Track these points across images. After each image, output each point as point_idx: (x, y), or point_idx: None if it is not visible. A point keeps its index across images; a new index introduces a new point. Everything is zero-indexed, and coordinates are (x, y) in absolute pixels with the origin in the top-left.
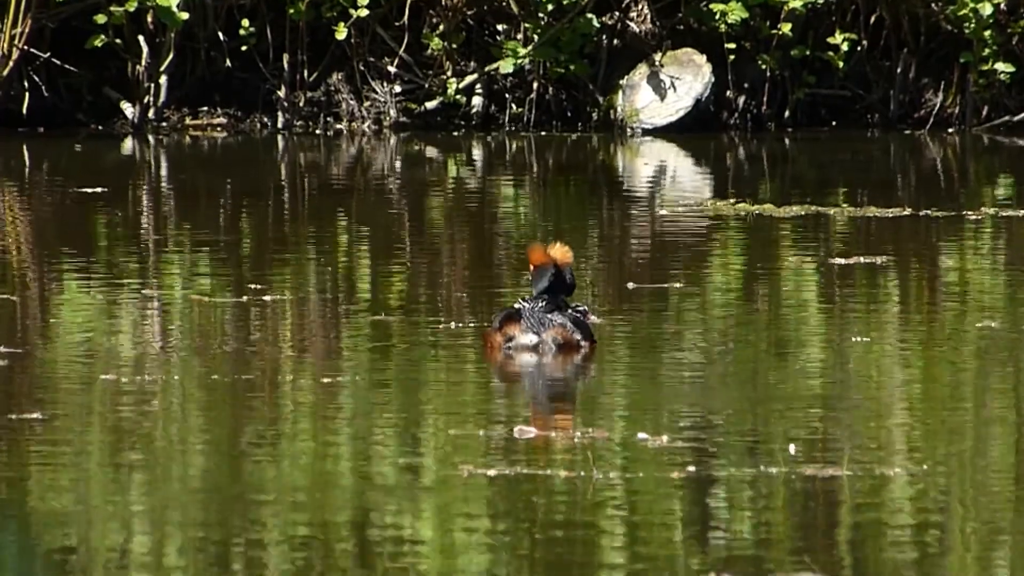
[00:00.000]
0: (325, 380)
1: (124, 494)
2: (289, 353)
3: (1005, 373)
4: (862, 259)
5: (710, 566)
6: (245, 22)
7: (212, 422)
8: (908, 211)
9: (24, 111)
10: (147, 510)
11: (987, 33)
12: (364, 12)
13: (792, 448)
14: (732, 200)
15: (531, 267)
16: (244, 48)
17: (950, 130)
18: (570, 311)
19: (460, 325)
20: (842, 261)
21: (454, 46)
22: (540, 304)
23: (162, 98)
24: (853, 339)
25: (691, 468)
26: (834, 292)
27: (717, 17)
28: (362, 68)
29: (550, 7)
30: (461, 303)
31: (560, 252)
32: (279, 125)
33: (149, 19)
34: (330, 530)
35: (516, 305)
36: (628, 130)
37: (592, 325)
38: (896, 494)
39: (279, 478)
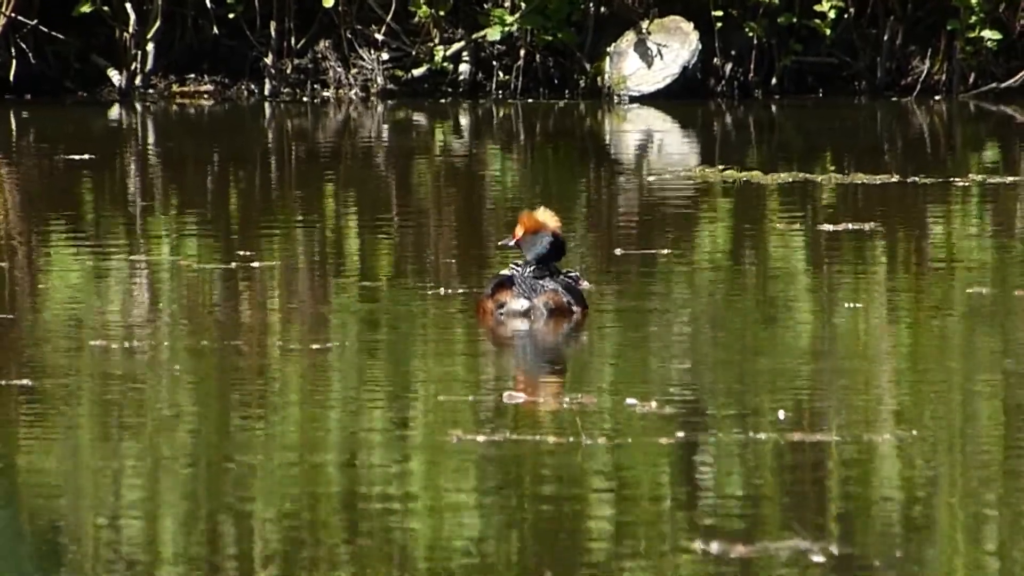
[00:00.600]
0: (314, 346)
1: (113, 460)
2: (278, 319)
3: (994, 339)
4: (850, 225)
5: (698, 532)
6: None
7: (201, 388)
8: (896, 178)
9: (11, 78)
10: (136, 476)
11: (974, 1)
12: None
13: (781, 414)
14: (720, 167)
15: (521, 233)
16: (231, 15)
17: (937, 97)
18: (562, 277)
19: (448, 291)
20: (830, 227)
21: (441, 13)
22: (531, 270)
23: (149, 65)
24: (842, 305)
25: (679, 434)
26: (823, 258)
27: None
28: (349, 35)
29: None
30: (449, 269)
31: (551, 217)
32: (266, 92)
33: None
34: (319, 497)
35: (507, 271)
36: (615, 97)
37: (584, 291)
38: (884, 460)
39: (268, 444)
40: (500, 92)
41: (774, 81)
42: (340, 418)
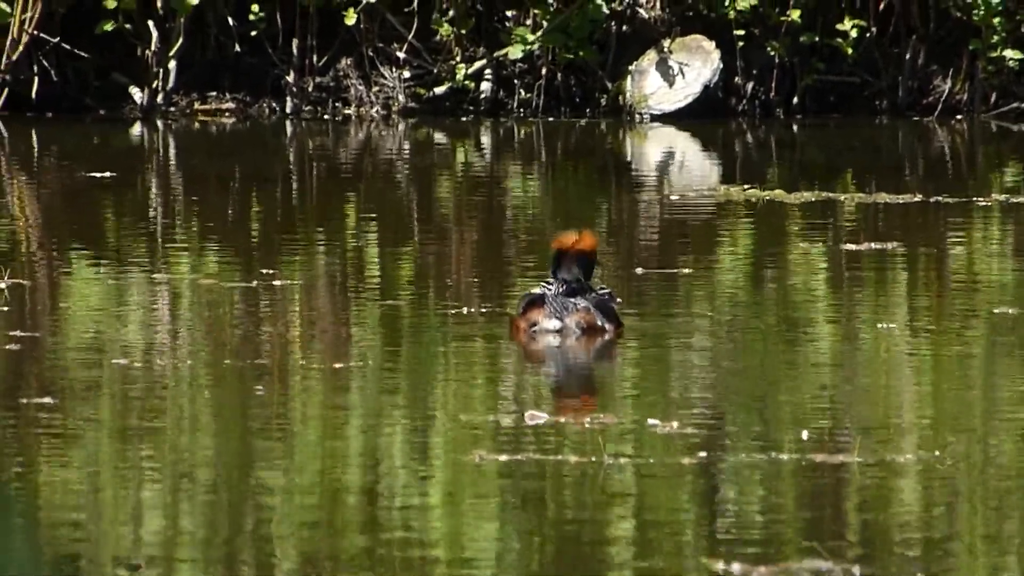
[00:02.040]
0: (336, 365)
1: (135, 479)
2: (299, 338)
3: (1017, 359)
4: (873, 245)
5: (719, 552)
6: (255, 7)
7: (222, 407)
8: (918, 197)
9: (33, 96)
10: (157, 496)
11: (996, 20)
12: None
13: (804, 434)
14: (743, 186)
15: (564, 251)
16: (253, 33)
17: (958, 117)
18: (594, 294)
19: (470, 310)
20: (853, 247)
21: (463, 32)
22: (562, 288)
23: (171, 83)
24: (865, 325)
25: (701, 454)
26: (845, 278)
27: (726, 3)
28: (371, 53)
29: None
30: (471, 288)
31: (588, 238)
32: (288, 110)
33: (159, 4)
34: (340, 516)
35: (538, 290)
36: (636, 116)
37: (617, 308)
38: (906, 481)
39: (288, 464)
40: (521, 110)
41: (795, 100)
42: (361, 437)
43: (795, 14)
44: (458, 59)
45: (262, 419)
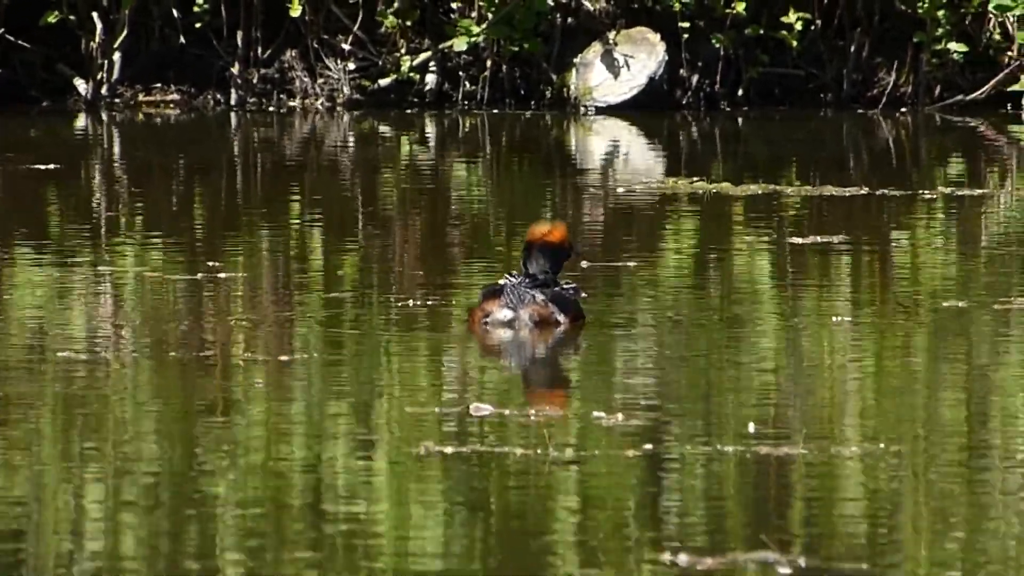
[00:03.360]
0: (282, 358)
1: (78, 474)
2: (244, 331)
3: (961, 352)
4: (818, 238)
5: (666, 544)
6: None
7: (166, 401)
8: (864, 190)
9: None
10: (100, 491)
11: (940, 13)
12: None
13: (752, 427)
14: (690, 178)
15: (533, 243)
16: (198, 25)
17: (903, 109)
18: (558, 288)
19: (415, 302)
20: (799, 240)
21: (408, 23)
22: (525, 280)
23: (116, 74)
24: (810, 318)
25: (647, 446)
26: (791, 271)
27: None
28: (316, 45)
29: None
30: (415, 280)
31: (558, 230)
32: (232, 102)
33: None
34: (284, 508)
35: (501, 281)
36: (581, 108)
37: (580, 302)
38: (851, 473)
39: (232, 456)
40: (466, 102)
41: (740, 93)
42: (306, 429)
43: (740, 6)
44: (403, 51)
45: (206, 412)
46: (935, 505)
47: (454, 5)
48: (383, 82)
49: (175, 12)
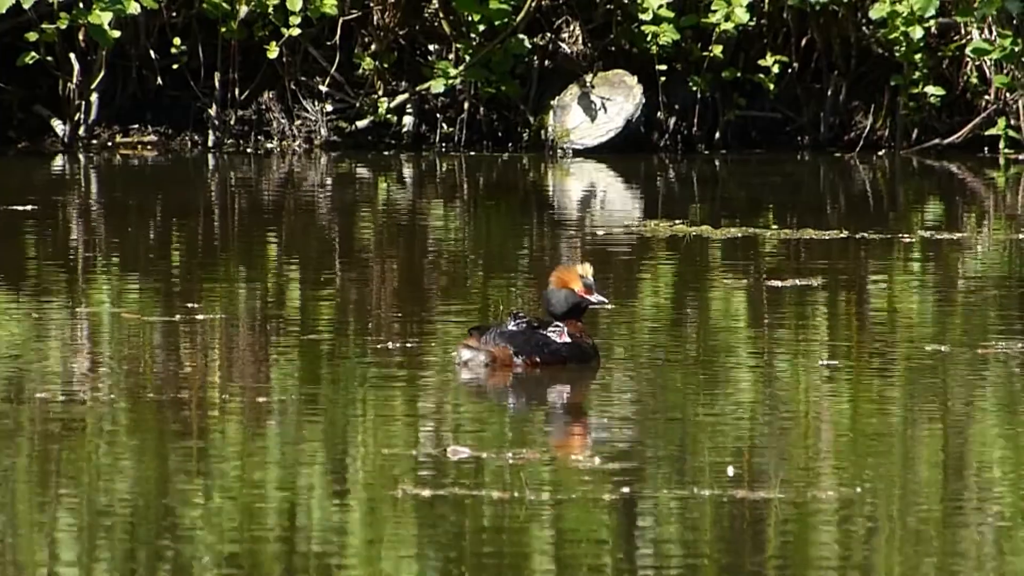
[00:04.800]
0: (259, 399)
1: (52, 514)
2: (221, 372)
3: (938, 396)
4: (798, 281)
5: None
6: (177, 40)
7: (143, 442)
8: (844, 233)
9: None
10: (74, 531)
11: (917, 56)
12: (296, 31)
13: (731, 470)
14: (669, 221)
15: (563, 286)
16: (175, 66)
17: (880, 153)
18: (533, 330)
19: (392, 344)
20: (778, 283)
21: (385, 65)
22: (520, 322)
23: (93, 115)
24: (787, 361)
25: (624, 490)
26: (770, 314)
27: (648, 39)
28: (293, 87)
29: (481, 28)
30: (392, 323)
31: (576, 275)
32: (210, 143)
33: (81, 37)
34: (260, 550)
35: (512, 323)
36: (559, 150)
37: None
38: (828, 517)
39: (208, 498)
40: (444, 145)
41: (717, 135)
42: (282, 471)
43: (717, 50)
44: (380, 93)
45: (182, 453)
46: (910, 551)
47: (431, 47)
48: (360, 124)
49: (152, 53)
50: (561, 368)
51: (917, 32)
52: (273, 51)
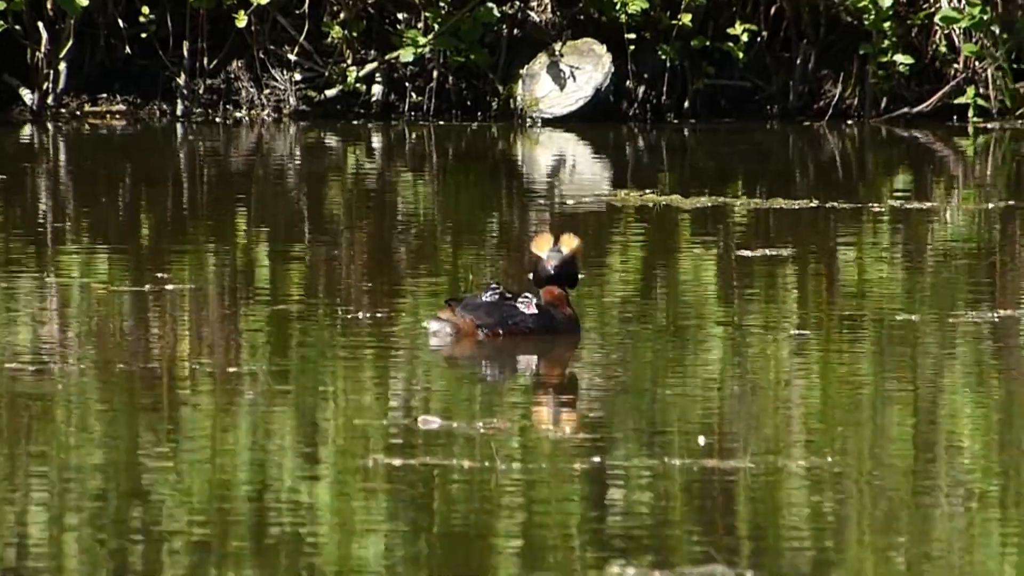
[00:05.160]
0: (230, 369)
1: (22, 483)
2: (191, 342)
3: (907, 365)
4: (768, 251)
5: (614, 557)
6: (145, 9)
7: (112, 411)
8: (814, 203)
9: None
10: (43, 502)
11: (886, 25)
12: (264, 0)
13: (702, 439)
14: (639, 191)
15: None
16: (144, 35)
17: (849, 122)
18: (496, 299)
19: (362, 314)
20: (748, 252)
21: (354, 34)
22: (493, 293)
23: (61, 85)
24: (757, 331)
25: (594, 459)
26: (740, 283)
27: (617, 7)
28: (262, 56)
29: None
30: (362, 292)
31: (547, 243)
32: (178, 113)
33: (49, 6)
34: (229, 520)
35: (486, 295)
36: (528, 119)
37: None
38: (798, 486)
39: (178, 467)
40: (413, 114)
41: (687, 104)
42: (253, 441)
43: (686, 18)
44: (349, 62)
45: (152, 424)
46: (881, 518)
47: (400, 16)
48: (329, 93)
49: (120, 22)
50: (533, 339)
51: (886, 1)
52: (242, 20)
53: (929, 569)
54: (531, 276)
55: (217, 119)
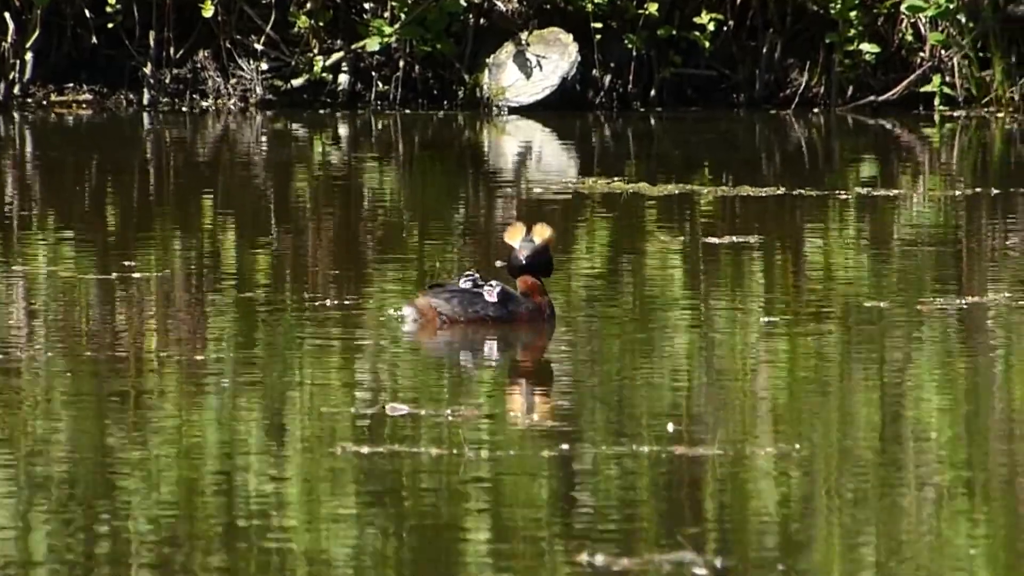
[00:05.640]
0: (197, 357)
1: None
2: (158, 330)
3: (874, 351)
4: (735, 238)
5: (582, 544)
6: None
7: (79, 400)
8: (781, 190)
9: None
10: (11, 487)
11: (852, 14)
12: None
13: (671, 427)
14: (609, 178)
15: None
16: (110, 25)
17: (815, 110)
18: (463, 287)
19: (328, 302)
20: (715, 240)
21: (321, 24)
22: (467, 279)
23: (28, 74)
24: (724, 318)
25: (562, 446)
26: (707, 271)
27: None
28: (229, 45)
29: None
30: (328, 280)
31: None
32: (145, 102)
33: None
34: (197, 508)
35: (461, 281)
36: (494, 108)
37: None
38: (766, 473)
39: (145, 455)
40: (379, 103)
41: (653, 93)
42: (219, 430)
43: (652, 7)
44: (316, 51)
45: (119, 412)
46: (848, 505)
47: (367, 6)
48: (296, 82)
49: (87, 12)
50: (496, 327)
51: None
52: (208, 9)
53: (897, 554)
54: (505, 265)
55: (184, 108)
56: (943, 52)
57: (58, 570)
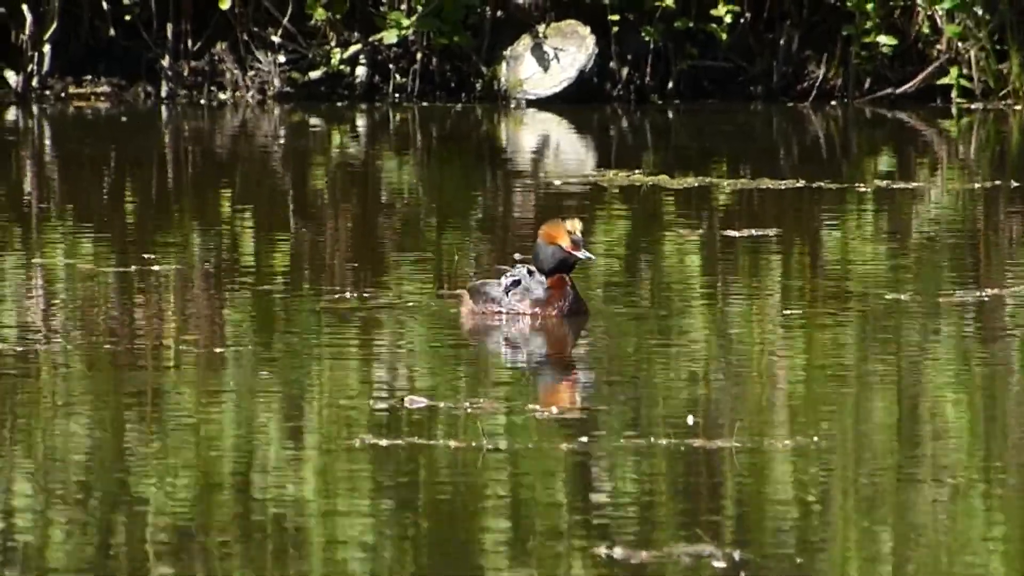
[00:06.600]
0: (216, 349)
1: (7, 463)
2: (178, 323)
3: (891, 344)
4: (753, 231)
5: (600, 537)
6: None
7: (98, 391)
8: (800, 183)
9: None
10: (29, 478)
11: (869, 6)
12: None
13: (691, 419)
14: (625, 172)
15: (552, 242)
16: (128, 17)
17: (832, 103)
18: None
19: (347, 295)
20: (734, 233)
21: (338, 16)
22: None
23: (46, 67)
24: (743, 311)
25: (581, 439)
26: (727, 264)
27: None
28: (246, 38)
29: None
30: (347, 273)
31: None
32: (163, 94)
33: None
34: (215, 500)
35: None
36: (512, 101)
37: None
38: (784, 466)
39: (165, 446)
40: (397, 95)
41: (670, 85)
42: (238, 421)
43: (669, 0)
44: (333, 44)
45: (139, 403)
46: (866, 497)
47: None
48: (313, 75)
49: (105, 4)
50: (522, 318)
51: None
52: (225, 2)
53: (914, 547)
54: (539, 260)
55: (202, 101)
56: (960, 44)
57: (74, 561)
